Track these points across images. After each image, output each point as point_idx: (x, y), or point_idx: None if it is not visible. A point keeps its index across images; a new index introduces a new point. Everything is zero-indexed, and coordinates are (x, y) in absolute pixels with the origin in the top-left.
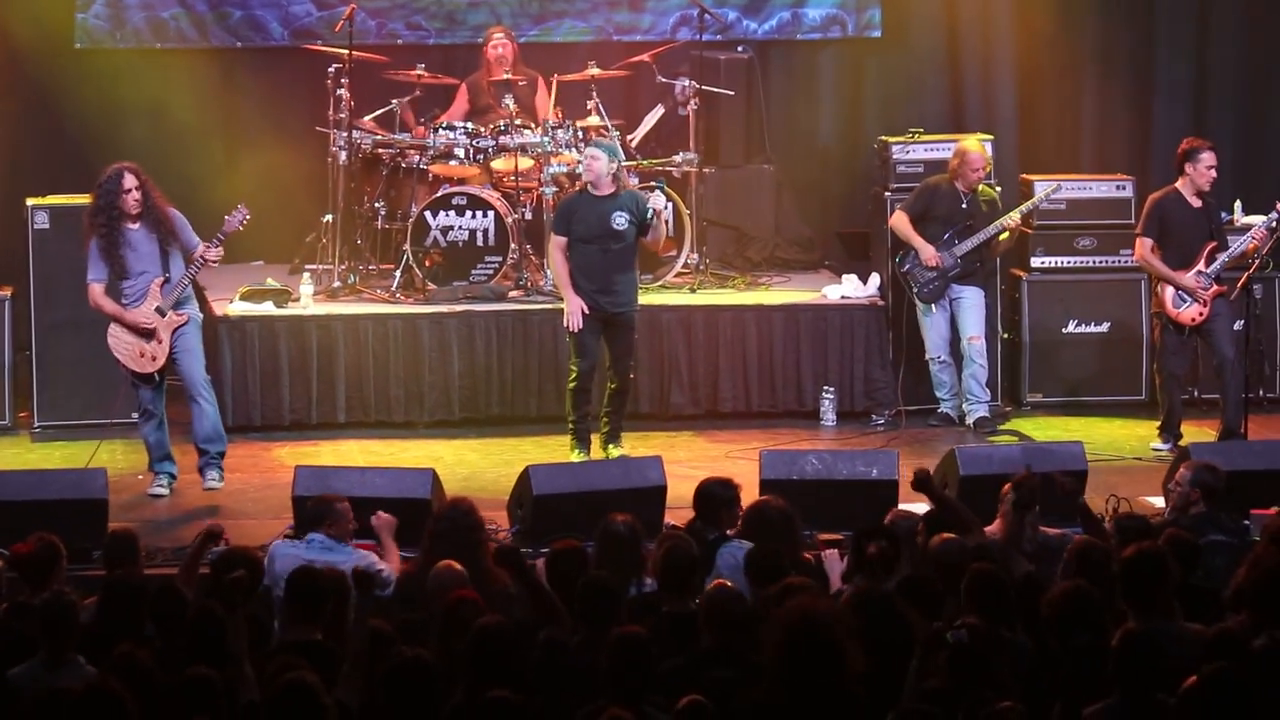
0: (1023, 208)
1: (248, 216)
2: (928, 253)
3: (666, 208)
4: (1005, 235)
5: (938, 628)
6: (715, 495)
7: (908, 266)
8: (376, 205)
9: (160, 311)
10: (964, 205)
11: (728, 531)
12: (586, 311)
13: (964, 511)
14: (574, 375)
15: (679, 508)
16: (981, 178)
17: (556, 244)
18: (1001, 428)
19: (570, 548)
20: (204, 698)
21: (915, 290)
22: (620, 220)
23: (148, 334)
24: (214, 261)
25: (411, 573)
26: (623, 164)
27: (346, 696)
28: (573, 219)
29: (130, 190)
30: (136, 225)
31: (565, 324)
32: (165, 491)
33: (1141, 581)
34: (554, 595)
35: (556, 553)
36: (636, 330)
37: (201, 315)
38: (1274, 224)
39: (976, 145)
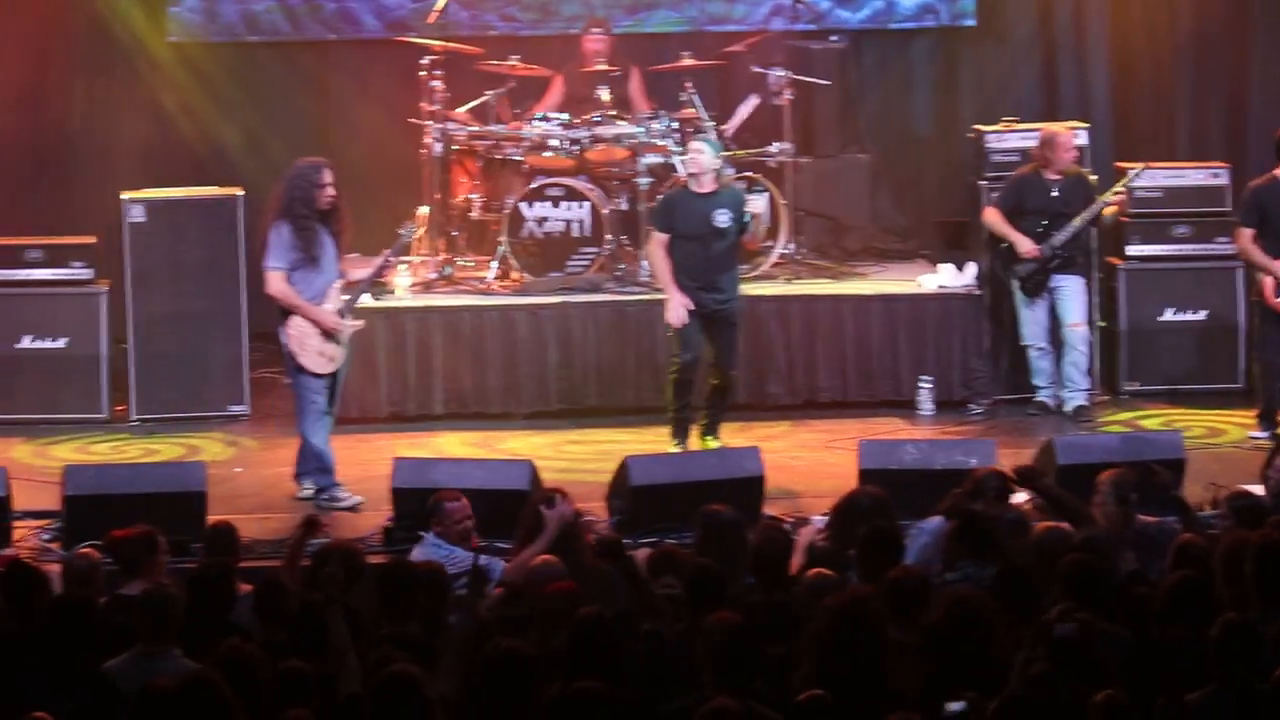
0: (1121, 184)
1: (416, 229)
2: (1025, 245)
3: (763, 195)
4: (1111, 209)
5: (1046, 620)
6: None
7: (1007, 262)
8: (471, 197)
9: (341, 314)
10: (1055, 194)
11: None
12: (690, 308)
13: (1074, 502)
14: (676, 367)
15: (777, 498)
16: (1074, 158)
17: (658, 240)
18: (1099, 417)
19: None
20: (303, 691)
21: (1017, 284)
22: (722, 218)
23: (329, 335)
24: (391, 275)
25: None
26: (724, 162)
27: (445, 689)
28: (674, 216)
29: (326, 185)
30: (320, 223)
31: (667, 319)
32: (360, 499)
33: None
34: (652, 586)
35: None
36: (739, 325)
37: None
38: None
39: (1063, 127)
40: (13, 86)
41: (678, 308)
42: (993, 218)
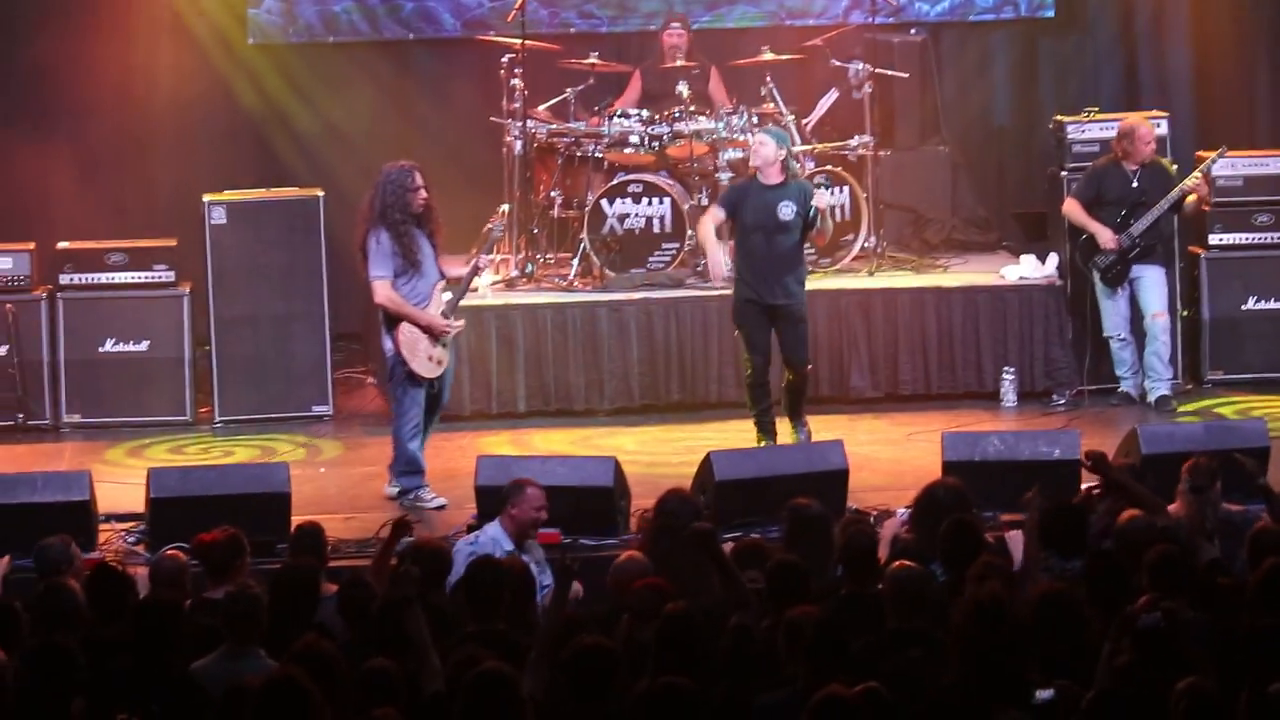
0: (1199, 170)
1: (504, 227)
2: (1105, 236)
3: (843, 192)
4: (1191, 198)
5: (1131, 611)
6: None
7: (1087, 253)
8: (552, 194)
9: (445, 316)
10: (1135, 183)
11: None
12: (728, 264)
13: (1142, 491)
14: (749, 371)
15: (861, 491)
16: (1153, 150)
17: (713, 214)
18: (1182, 406)
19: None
20: (388, 689)
21: (1097, 275)
22: (786, 211)
23: (435, 338)
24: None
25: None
26: (792, 152)
27: (531, 686)
28: (740, 204)
29: (419, 189)
30: (416, 226)
31: (711, 275)
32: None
33: None
34: (743, 579)
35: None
36: (808, 321)
37: None
38: None
39: (1142, 117)
40: (95, 90)
41: (717, 263)
42: (1072, 209)
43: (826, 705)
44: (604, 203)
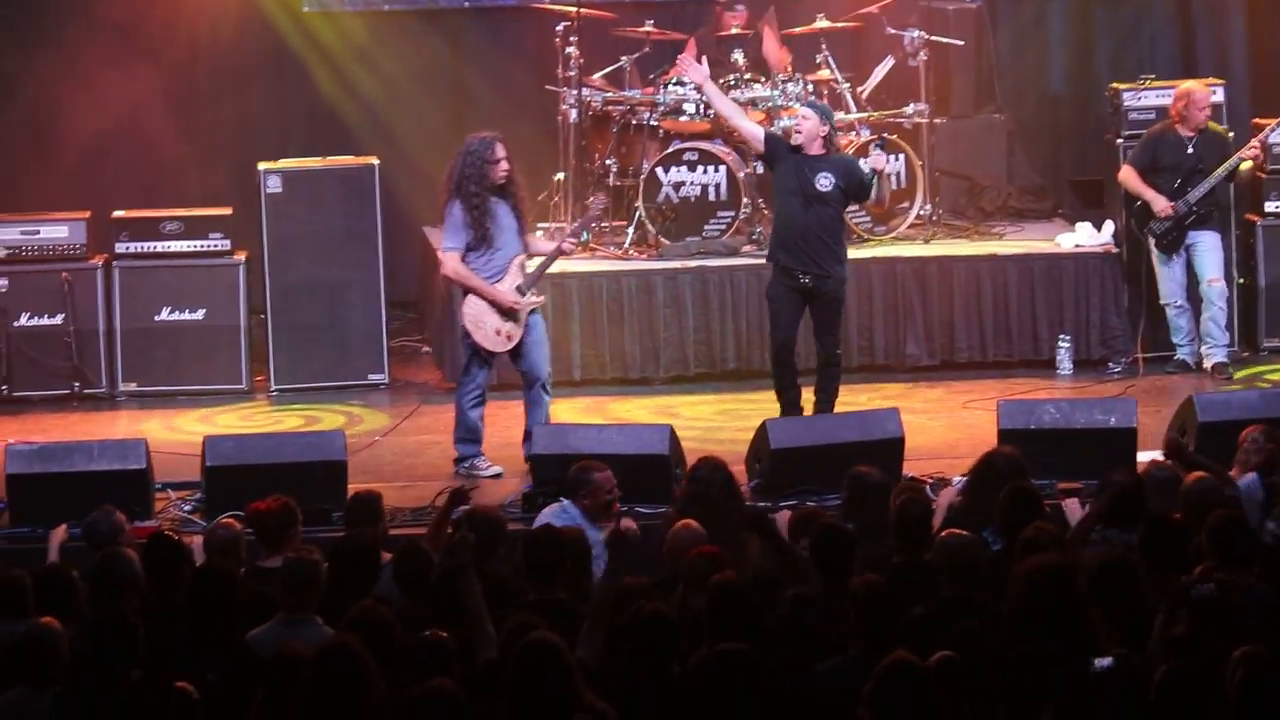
0: (1257, 138)
1: (606, 204)
2: (1160, 203)
3: (898, 160)
4: (1247, 165)
5: (1184, 582)
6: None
7: (1142, 219)
8: (608, 163)
9: (520, 291)
10: (1190, 150)
11: None
12: None
13: (1221, 474)
14: (770, 348)
15: (916, 459)
16: (1209, 116)
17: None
18: (1238, 373)
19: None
20: (442, 659)
21: (1153, 242)
22: (825, 182)
23: (506, 312)
24: (573, 250)
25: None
26: (835, 127)
27: (585, 653)
28: (780, 158)
29: (500, 160)
30: (497, 198)
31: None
32: (500, 469)
33: None
34: (798, 551)
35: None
36: (843, 302)
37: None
38: None
39: (1199, 84)
40: (151, 57)
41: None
42: (1128, 176)
43: (895, 671)
44: (659, 171)
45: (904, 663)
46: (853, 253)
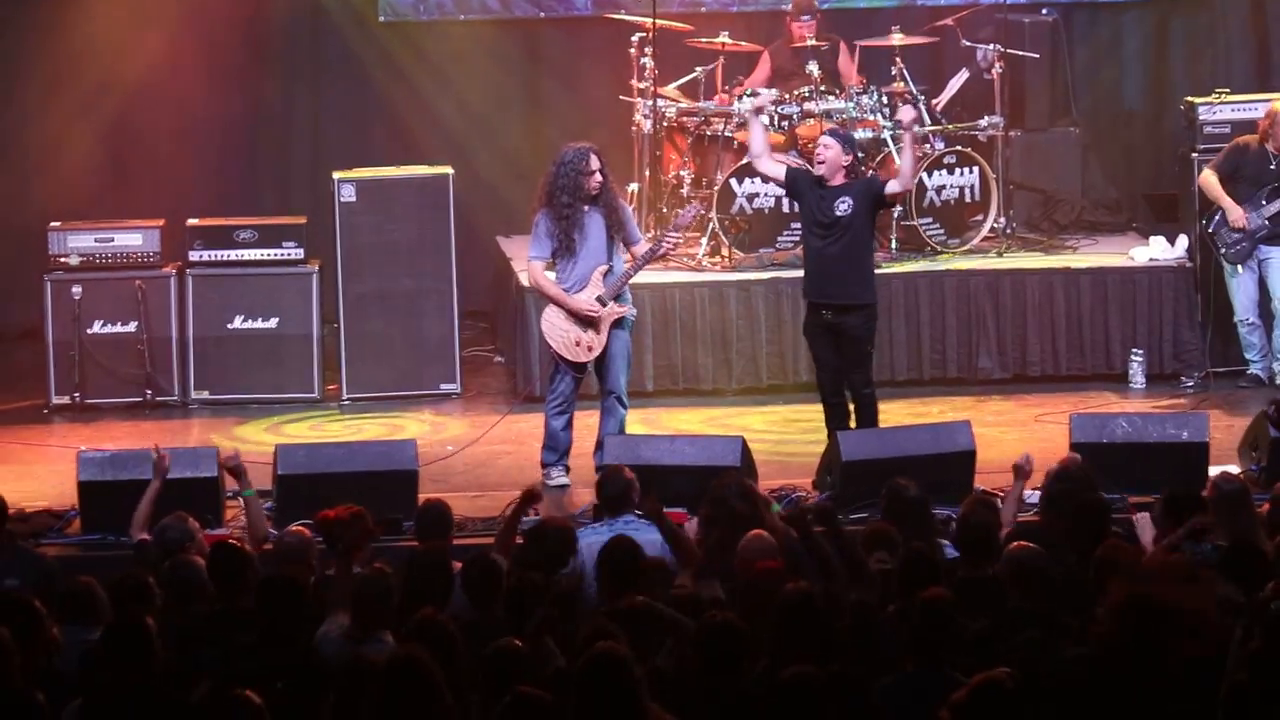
0: None
1: (702, 211)
2: (1235, 213)
3: (973, 172)
4: None
5: (1262, 598)
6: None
7: (1214, 227)
8: (681, 173)
9: (601, 301)
10: (1273, 166)
11: None
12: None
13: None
14: (818, 385)
15: (987, 471)
16: None
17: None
18: None
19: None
20: (514, 669)
21: (1222, 251)
22: (843, 206)
23: (587, 322)
24: (673, 248)
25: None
26: (859, 156)
27: (665, 663)
28: (800, 192)
29: (594, 172)
30: (590, 208)
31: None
32: (567, 480)
33: None
34: (865, 558)
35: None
36: (870, 339)
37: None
38: None
39: None
40: (226, 68)
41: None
42: (1208, 181)
43: (981, 693)
44: (733, 182)
45: (995, 682)
46: (926, 265)
